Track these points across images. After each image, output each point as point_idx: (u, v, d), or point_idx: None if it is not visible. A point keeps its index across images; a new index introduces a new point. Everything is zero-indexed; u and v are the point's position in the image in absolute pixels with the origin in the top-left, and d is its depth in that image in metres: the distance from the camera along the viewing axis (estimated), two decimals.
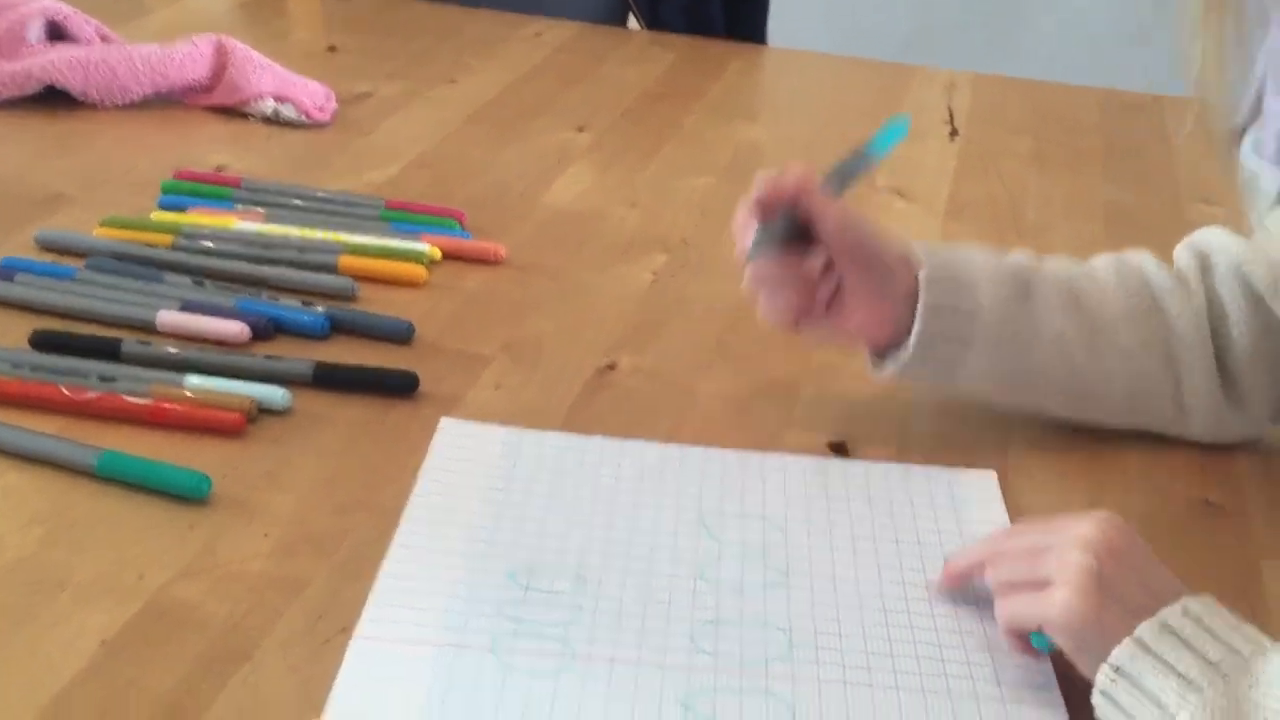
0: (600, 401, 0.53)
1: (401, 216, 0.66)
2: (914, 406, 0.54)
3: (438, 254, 0.62)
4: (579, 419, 0.51)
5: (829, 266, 0.48)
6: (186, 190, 0.67)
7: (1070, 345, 0.49)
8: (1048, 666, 0.39)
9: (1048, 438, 0.52)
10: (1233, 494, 0.50)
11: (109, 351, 0.52)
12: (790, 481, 0.48)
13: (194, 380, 0.50)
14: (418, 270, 0.60)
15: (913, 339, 0.48)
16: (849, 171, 0.50)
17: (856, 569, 0.44)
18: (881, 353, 0.51)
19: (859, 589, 0.43)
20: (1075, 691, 0.38)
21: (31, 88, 0.75)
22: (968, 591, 0.42)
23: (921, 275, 0.48)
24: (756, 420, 0.52)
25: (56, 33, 0.79)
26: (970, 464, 0.50)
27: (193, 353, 0.52)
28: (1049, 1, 1.74)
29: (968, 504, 0.47)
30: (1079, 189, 0.78)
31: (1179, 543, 0.47)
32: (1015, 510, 0.47)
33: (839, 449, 0.51)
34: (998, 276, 0.50)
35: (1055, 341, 0.49)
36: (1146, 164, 0.83)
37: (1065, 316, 0.50)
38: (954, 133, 0.85)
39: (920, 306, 0.48)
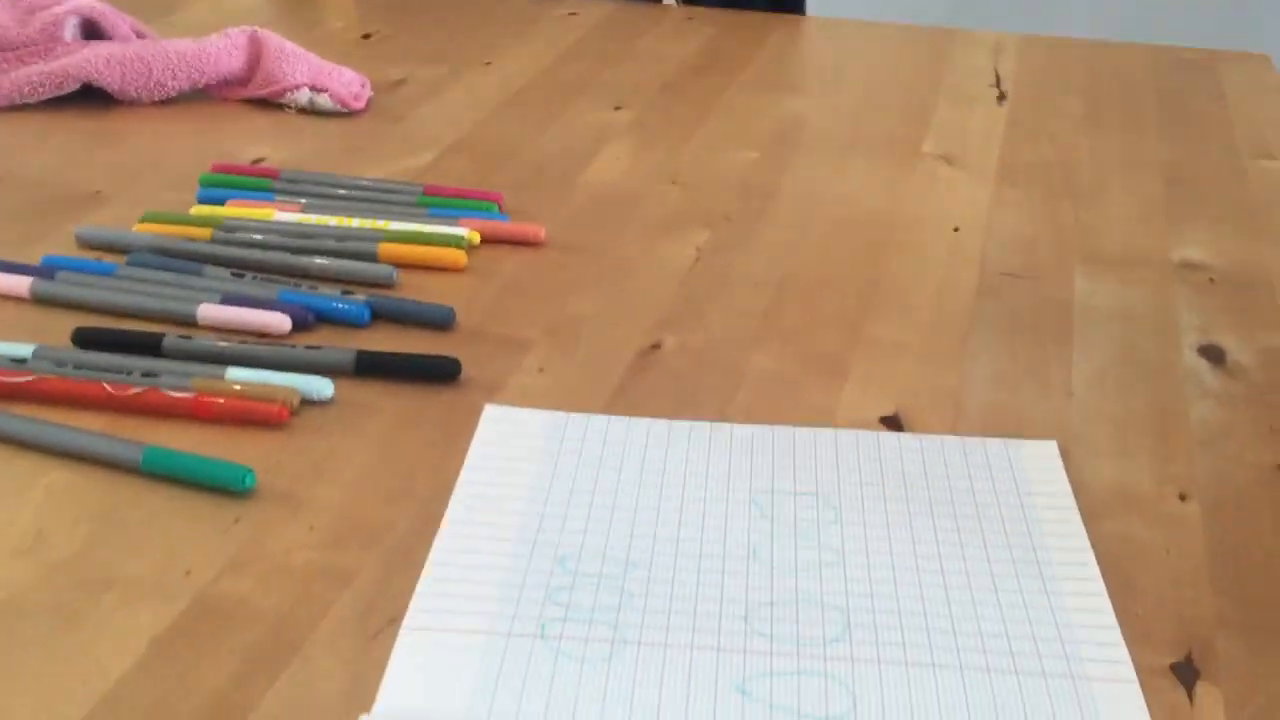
0: (646, 382, 0.52)
1: (439, 202, 0.65)
2: (969, 377, 0.52)
3: (476, 238, 0.61)
4: (625, 400, 0.50)
5: None
6: (224, 183, 0.66)
7: None
8: (1119, 642, 0.38)
9: (1108, 405, 0.51)
10: None
11: (151, 347, 0.51)
12: (843, 457, 0.47)
13: (236, 373, 0.50)
14: (457, 255, 0.60)
15: None
16: None
17: (914, 545, 0.42)
18: None
19: (917, 565, 0.41)
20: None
21: (69, 86, 0.75)
22: (1033, 566, 0.41)
23: None
24: (806, 396, 0.51)
25: (92, 31, 0.80)
26: (1029, 435, 0.48)
27: (234, 345, 0.51)
28: None
29: (1028, 476, 0.46)
30: (1134, 150, 0.75)
31: (1250, 510, 0.45)
32: (1077, 481, 0.46)
33: (892, 423, 0.49)
34: None
35: None
36: (1203, 121, 0.80)
37: None
38: (1002, 96, 0.83)
39: None
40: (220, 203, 0.64)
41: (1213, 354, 0.55)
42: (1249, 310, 0.58)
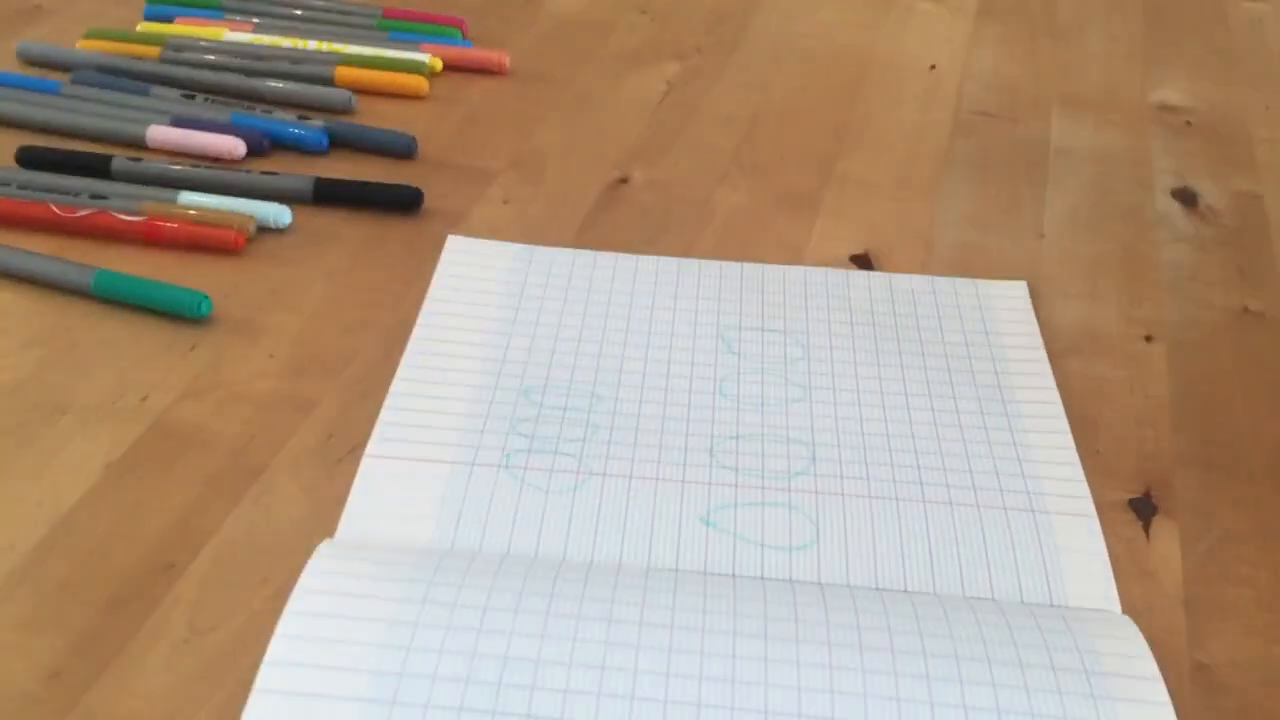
0: (613, 216, 0.51)
1: (399, 25, 0.62)
2: (940, 217, 0.52)
3: (439, 64, 0.59)
4: (591, 234, 0.49)
5: None
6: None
7: None
8: (1080, 477, 0.38)
9: (1079, 247, 0.50)
10: (1273, 300, 0.48)
11: (99, 168, 0.49)
12: (812, 294, 0.46)
13: (189, 197, 0.48)
14: (419, 81, 0.57)
15: None
16: None
17: (881, 382, 0.42)
18: None
19: (884, 402, 0.41)
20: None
21: None
22: (997, 403, 0.41)
23: None
24: (776, 233, 0.50)
25: None
26: (999, 275, 0.48)
27: (187, 169, 0.50)
28: None
29: (997, 315, 0.46)
30: None
31: (1215, 351, 0.45)
32: (1046, 322, 0.46)
33: (862, 261, 0.49)
34: None
35: None
36: None
37: None
38: None
39: None
40: (168, 20, 0.61)
41: (1185, 197, 0.54)
42: (1223, 153, 0.57)
